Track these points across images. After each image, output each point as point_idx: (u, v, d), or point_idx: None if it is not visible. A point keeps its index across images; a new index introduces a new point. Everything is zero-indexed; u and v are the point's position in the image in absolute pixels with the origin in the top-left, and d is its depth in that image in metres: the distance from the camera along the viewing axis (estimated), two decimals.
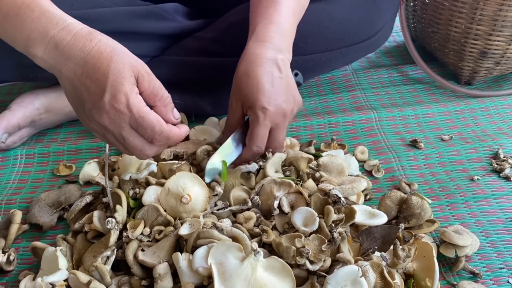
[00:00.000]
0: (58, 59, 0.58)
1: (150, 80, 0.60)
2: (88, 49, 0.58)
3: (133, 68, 0.58)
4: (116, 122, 0.58)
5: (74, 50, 0.58)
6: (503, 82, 1.10)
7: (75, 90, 0.59)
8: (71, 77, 0.58)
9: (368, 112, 0.98)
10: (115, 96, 0.57)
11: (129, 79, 0.58)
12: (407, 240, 0.66)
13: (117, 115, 0.58)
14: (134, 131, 0.60)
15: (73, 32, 0.58)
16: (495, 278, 0.66)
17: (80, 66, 0.58)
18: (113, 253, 0.62)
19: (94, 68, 0.57)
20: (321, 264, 0.59)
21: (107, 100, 0.57)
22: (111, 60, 0.57)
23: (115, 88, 0.57)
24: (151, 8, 0.90)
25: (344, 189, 0.70)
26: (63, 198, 0.77)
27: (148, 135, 0.60)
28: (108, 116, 0.58)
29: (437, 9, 1.06)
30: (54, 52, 0.58)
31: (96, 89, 0.57)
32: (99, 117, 0.58)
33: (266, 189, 0.69)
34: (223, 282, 0.55)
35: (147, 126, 0.59)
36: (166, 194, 0.68)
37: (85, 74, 0.58)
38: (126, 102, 0.57)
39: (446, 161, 0.86)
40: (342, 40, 0.96)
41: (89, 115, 0.59)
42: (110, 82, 0.57)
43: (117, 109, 0.57)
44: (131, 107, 0.58)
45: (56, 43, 0.58)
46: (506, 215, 0.75)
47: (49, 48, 0.58)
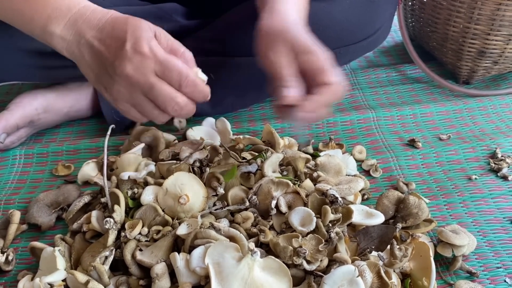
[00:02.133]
0: (77, 31, 0.60)
1: (169, 38, 0.61)
2: (106, 18, 0.60)
3: (150, 26, 0.60)
4: (141, 69, 0.58)
5: (93, 21, 0.60)
6: (501, 81, 1.10)
7: (95, 55, 0.60)
8: (91, 42, 0.60)
9: (366, 111, 0.98)
10: (136, 42, 0.57)
11: (148, 31, 0.59)
12: (404, 239, 0.67)
13: (141, 60, 0.57)
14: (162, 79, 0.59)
15: (92, 8, 0.62)
16: (492, 278, 0.66)
17: (100, 31, 0.60)
18: (111, 253, 0.63)
19: (112, 29, 0.59)
20: (318, 264, 0.59)
21: (129, 47, 0.57)
22: (128, 20, 0.60)
23: (136, 36, 0.57)
24: (149, 8, 0.90)
25: (342, 189, 0.70)
26: (61, 198, 0.78)
27: (175, 79, 0.59)
28: (132, 64, 0.58)
29: (435, 9, 1.06)
30: (73, 27, 0.61)
31: (116, 43, 0.58)
32: (123, 68, 0.58)
33: (264, 189, 0.69)
34: (220, 282, 0.56)
35: (173, 68, 0.58)
36: (164, 194, 0.68)
37: (105, 35, 0.59)
38: (148, 47, 0.57)
39: (444, 161, 0.87)
40: (341, 40, 0.96)
41: (112, 73, 0.59)
42: (130, 32, 0.58)
43: (141, 53, 0.57)
44: (154, 51, 0.57)
45: (76, 18, 0.61)
46: (503, 215, 0.75)
47: (69, 24, 0.61)
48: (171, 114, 0.62)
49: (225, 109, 0.98)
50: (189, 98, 0.61)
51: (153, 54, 0.57)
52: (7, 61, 0.85)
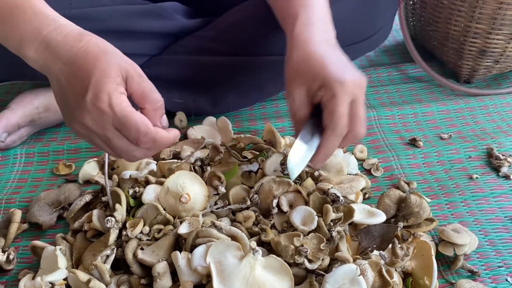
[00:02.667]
0: (48, 59, 0.58)
1: (141, 82, 0.58)
2: (76, 49, 0.57)
3: (121, 68, 0.57)
4: (99, 123, 0.56)
5: (63, 50, 0.57)
6: (502, 80, 1.10)
7: (61, 90, 0.58)
8: (58, 76, 0.58)
9: (367, 110, 0.98)
10: (97, 95, 0.55)
11: (114, 79, 0.56)
12: (405, 238, 0.67)
13: (99, 115, 0.56)
14: (118, 132, 0.57)
15: (64, 33, 0.58)
16: (493, 277, 0.66)
17: (68, 65, 0.57)
18: (112, 252, 0.63)
19: (79, 68, 0.56)
20: (319, 263, 0.59)
21: (89, 99, 0.55)
22: (97, 60, 0.56)
23: (98, 87, 0.55)
24: (150, 7, 0.90)
25: (343, 188, 0.70)
26: (62, 197, 0.78)
27: (133, 136, 0.57)
28: (90, 116, 0.56)
29: (436, 8, 1.06)
30: (44, 53, 0.58)
31: (80, 88, 0.56)
32: (82, 118, 0.56)
33: (265, 188, 0.69)
34: (221, 280, 0.56)
35: (130, 126, 0.56)
36: (165, 193, 0.68)
37: (71, 73, 0.57)
38: (108, 101, 0.55)
39: (445, 160, 0.87)
40: (343, 40, 0.94)
41: (73, 116, 0.58)
42: (93, 81, 0.55)
43: (99, 108, 0.55)
44: (113, 106, 0.55)
45: (46, 43, 0.58)
46: (505, 214, 0.75)
47: (40, 48, 0.58)
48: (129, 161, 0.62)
49: (226, 108, 0.98)
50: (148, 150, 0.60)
51: (111, 110, 0.55)
52: (6, 61, 0.85)
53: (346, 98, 0.61)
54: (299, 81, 0.64)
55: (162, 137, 0.58)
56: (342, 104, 0.61)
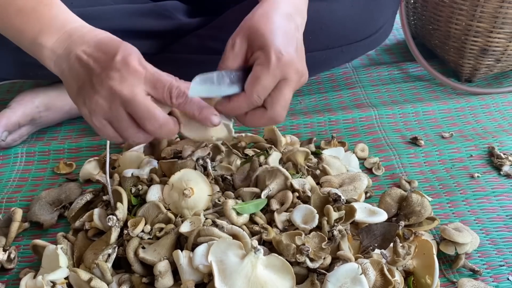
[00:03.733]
0: (69, 46, 0.60)
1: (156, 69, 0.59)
2: (100, 36, 0.60)
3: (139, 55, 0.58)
4: (127, 80, 0.55)
5: (87, 37, 0.60)
6: (503, 79, 1.10)
7: (82, 67, 0.58)
8: (79, 56, 0.58)
9: (368, 109, 0.98)
10: (128, 56, 0.56)
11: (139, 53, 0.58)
12: (407, 237, 0.66)
13: (130, 72, 0.56)
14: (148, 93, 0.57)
15: (88, 27, 0.62)
16: (495, 276, 0.66)
17: (92, 46, 0.58)
18: (114, 251, 0.63)
19: (105, 46, 0.58)
20: (321, 262, 0.59)
21: (119, 59, 0.56)
22: (122, 42, 0.58)
23: (128, 51, 0.56)
24: (151, 6, 0.90)
25: (347, 190, 0.70)
26: (63, 196, 0.78)
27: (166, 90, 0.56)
28: (119, 74, 0.55)
29: (437, 6, 1.06)
30: (66, 41, 0.60)
31: (106, 56, 0.57)
32: (108, 78, 0.55)
33: (261, 179, 0.69)
34: (223, 279, 0.56)
35: (165, 80, 0.56)
36: (170, 189, 0.68)
37: (96, 50, 0.58)
38: (139, 61, 0.56)
39: (446, 159, 0.86)
40: (343, 38, 0.95)
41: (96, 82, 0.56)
42: (122, 47, 0.57)
43: (131, 66, 0.56)
44: (145, 65, 0.56)
45: (70, 33, 0.60)
46: (506, 213, 0.75)
47: (62, 38, 0.60)
48: (148, 130, 0.58)
49: None
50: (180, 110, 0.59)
51: (143, 68, 0.56)
52: (6, 60, 0.85)
53: (277, 73, 0.59)
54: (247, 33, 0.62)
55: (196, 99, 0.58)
56: (269, 74, 0.58)
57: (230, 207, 0.64)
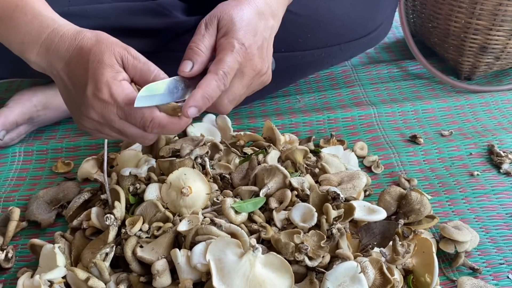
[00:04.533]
0: (49, 62, 0.59)
1: (137, 64, 0.58)
2: (72, 48, 0.57)
3: (116, 54, 0.56)
4: (105, 115, 0.56)
5: (61, 51, 0.58)
6: (503, 77, 1.10)
7: (66, 90, 0.59)
8: (61, 76, 0.58)
9: (367, 107, 0.98)
10: (96, 87, 0.55)
11: (112, 67, 0.56)
12: (406, 236, 0.66)
13: (103, 107, 0.56)
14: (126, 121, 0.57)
15: (60, 33, 0.59)
16: (494, 274, 0.66)
17: (67, 65, 0.57)
18: (111, 250, 0.62)
19: (77, 65, 0.57)
20: (320, 260, 0.59)
21: (89, 93, 0.55)
22: (90, 53, 0.56)
23: (95, 79, 0.55)
24: (148, 4, 0.90)
25: (346, 189, 0.69)
26: (61, 195, 0.77)
27: (139, 124, 0.57)
28: (95, 111, 0.56)
29: (436, 4, 1.06)
30: (45, 56, 0.59)
31: (80, 84, 0.56)
32: (87, 113, 0.57)
33: (259, 177, 0.69)
34: (221, 278, 0.55)
35: (135, 114, 0.56)
36: (168, 188, 0.68)
37: (71, 71, 0.57)
38: (109, 92, 0.55)
39: (445, 157, 0.86)
40: (342, 36, 0.95)
41: (80, 114, 0.58)
42: (90, 74, 0.55)
43: (101, 100, 0.55)
44: (115, 96, 0.55)
45: (46, 46, 0.59)
46: (506, 211, 0.75)
47: (41, 52, 0.59)
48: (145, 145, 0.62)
49: None
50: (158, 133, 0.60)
51: (114, 100, 0.55)
52: (3, 58, 0.84)
53: (239, 58, 0.59)
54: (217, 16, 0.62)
55: (169, 122, 0.58)
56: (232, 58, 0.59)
57: (229, 205, 0.64)
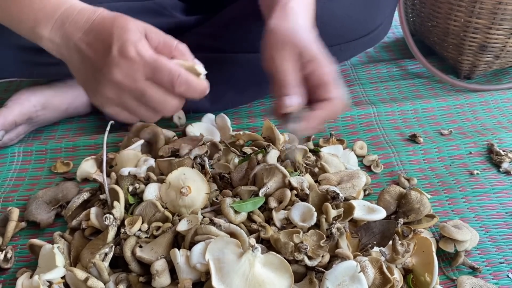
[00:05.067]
0: (65, 34, 0.59)
1: (160, 33, 0.59)
2: (93, 19, 0.59)
3: (138, 25, 0.58)
4: (130, 74, 0.56)
5: (80, 23, 0.59)
6: (502, 76, 1.10)
7: (84, 59, 0.59)
8: (79, 46, 0.58)
9: (367, 107, 0.98)
10: (123, 47, 0.56)
11: (135, 32, 0.57)
12: (406, 235, 0.66)
13: (129, 65, 0.56)
14: (151, 82, 0.57)
15: (78, 8, 0.60)
16: (494, 273, 0.66)
17: (87, 34, 0.58)
18: (111, 250, 0.62)
19: (99, 32, 0.58)
20: (319, 260, 0.59)
21: (115, 52, 0.56)
22: (114, 20, 0.57)
23: (122, 39, 0.56)
24: (148, 4, 0.90)
25: (345, 188, 0.69)
26: (60, 196, 0.77)
27: (167, 79, 0.57)
28: (120, 70, 0.56)
29: (436, 3, 1.06)
30: (61, 29, 0.59)
31: (103, 47, 0.57)
32: (111, 75, 0.56)
33: (259, 177, 0.69)
34: (220, 278, 0.55)
35: (163, 68, 0.56)
36: (167, 187, 0.68)
37: (92, 39, 0.58)
38: (135, 50, 0.56)
39: (445, 156, 0.86)
40: (342, 36, 0.95)
41: (101, 80, 0.58)
42: (116, 36, 0.56)
43: (128, 58, 0.56)
44: (142, 54, 0.56)
45: (62, 20, 0.59)
46: (505, 210, 0.75)
47: (56, 26, 0.59)
48: (164, 115, 0.61)
49: (225, 105, 0.98)
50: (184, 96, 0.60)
51: (141, 57, 0.56)
52: (3, 58, 0.84)
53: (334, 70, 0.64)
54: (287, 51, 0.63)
55: (194, 80, 0.58)
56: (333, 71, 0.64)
57: (228, 205, 0.64)
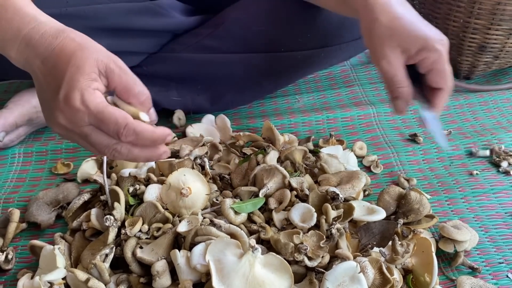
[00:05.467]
0: (28, 58, 0.57)
1: (122, 75, 0.56)
2: (53, 47, 0.56)
3: (99, 63, 0.55)
4: (74, 121, 0.54)
5: (40, 49, 0.56)
6: (502, 76, 1.10)
7: (40, 89, 0.57)
8: (37, 74, 0.57)
9: (366, 107, 0.98)
10: (69, 94, 0.53)
11: (89, 75, 0.54)
12: (405, 235, 0.66)
13: (73, 114, 0.54)
14: (97, 129, 0.55)
15: (42, 31, 0.57)
16: (494, 273, 0.66)
17: (44, 63, 0.56)
18: (111, 251, 0.62)
19: (55, 65, 0.55)
20: (319, 260, 0.59)
21: (61, 98, 0.53)
22: (72, 56, 0.54)
23: (70, 85, 0.53)
24: (147, 5, 0.90)
25: (345, 189, 0.69)
26: (61, 196, 0.77)
27: (112, 130, 0.54)
28: (64, 116, 0.54)
29: (435, 3, 1.06)
30: (24, 52, 0.57)
31: (54, 86, 0.55)
32: (56, 117, 0.55)
33: (259, 178, 0.69)
34: (221, 279, 0.55)
35: (108, 120, 0.53)
36: (167, 188, 0.68)
37: (48, 71, 0.56)
38: (80, 99, 0.53)
39: (445, 156, 0.86)
40: (341, 36, 0.95)
41: (50, 116, 0.56)
42: (66, 79, 0.53)
43: (72, 107, 0.53)
44: (87, 103, 0.53)
45: (26, 42, 0.57)
46: (505, 210, 0.75)
47: (20, 48, 0.57)
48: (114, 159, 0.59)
49: (225, 106, 0.98)
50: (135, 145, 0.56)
51: (85, 107, 0.53)
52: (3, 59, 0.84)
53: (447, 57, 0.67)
54: (394, 43, 0.66)
55: (144, 129, 0.55)
56: (447, 63, 0.67)
57: (228, 206, 0.64)
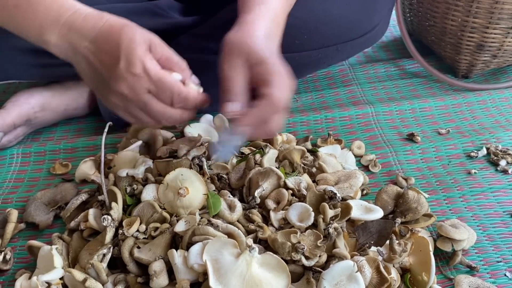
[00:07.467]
0: (71, 41, 0.60)
1: (164, 47, 0.61)
2: (99, 26, 0.60)
3: (144, 36, 0.59)
4: (135, 88, 0.59)
5: (86, 29, 0.60)
6: (500, 75, 1.10)
7: (91, 67, 0.60)
8: (85, 54, 0.60)
9: (365, 106, 0.98)
10: (130, 62, 0.57)
11: (142, 45, 0.58)
12: (403, 234, 0.66)
13: (135, 80, 0.58)
14: (153, 96, 0.60)
15: (83, 14, 0.61)
16: (492, 272, 0.66)
17: (93, 42, 0.59)
18: (109, 251, 0.62)
19: (106, 41, 0.59)
20: (316, 260, 0.59)
21: (123, 66, 0.58)
22: (122, 31, 0.59)
23: (129, 54, 0.57)
24: (145, 5, 0.90)
25: (343, 188, 0.69)
26: (59, 197, 0.77)
27: (167, 96, 0.60)
28: (126, 83, 0.59)
29: (433, 2, 1.06)
30: (67, 36, 0.60)
31: (110, 59, 0.58)
32: (117, 87, 0.59)
33: (254, 181, 0.69)
34: (218, 278, 0.55)
35: (165, 87, 0.59)
36: (165, 188, 0.68)
37: (99, 48, 0.59)
38: (142, 67, 0.58)
39: (443, 155, 0.86)
40: (339, 37, 0.95)
41: (108, 88, 0.60)
42: (123, 49, 0.58)
43: (134, 74, 0.58)
44: (148, 71, 0.58)
45: (68, 26, 0.60)
46: (503, 209, 0.75)
47: (62, 32, 0.60)
48: (167, 124, 0.65)
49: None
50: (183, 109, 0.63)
51: (146, 74, 0.58)
52: (3, 60, 0.85)
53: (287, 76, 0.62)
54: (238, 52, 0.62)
55: (193, 96, 0.62)
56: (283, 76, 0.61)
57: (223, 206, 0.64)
